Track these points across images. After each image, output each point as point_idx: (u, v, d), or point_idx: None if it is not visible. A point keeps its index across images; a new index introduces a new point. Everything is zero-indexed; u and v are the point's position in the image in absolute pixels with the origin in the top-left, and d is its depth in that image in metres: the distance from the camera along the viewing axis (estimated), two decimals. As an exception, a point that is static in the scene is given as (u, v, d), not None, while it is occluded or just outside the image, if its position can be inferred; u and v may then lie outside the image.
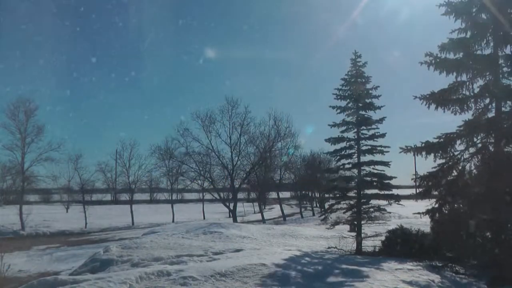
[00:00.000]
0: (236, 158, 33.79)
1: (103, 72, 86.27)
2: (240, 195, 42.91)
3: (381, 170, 14.53)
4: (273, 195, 48.70)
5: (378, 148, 14.56)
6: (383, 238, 14.07)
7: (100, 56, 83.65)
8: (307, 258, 12.24)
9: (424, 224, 14.41)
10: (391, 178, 14.47)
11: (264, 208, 46.92)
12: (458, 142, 11.90)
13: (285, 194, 56.89)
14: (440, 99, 12.10)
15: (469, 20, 11.73)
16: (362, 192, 14.75)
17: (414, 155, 12.41)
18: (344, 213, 15.02)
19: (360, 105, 14.84)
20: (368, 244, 14.53)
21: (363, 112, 14.89)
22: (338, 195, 15.33)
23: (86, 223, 34.38)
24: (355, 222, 14.77)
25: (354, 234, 14.90)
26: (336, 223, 15.21)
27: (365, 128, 14.81)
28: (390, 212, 15.01)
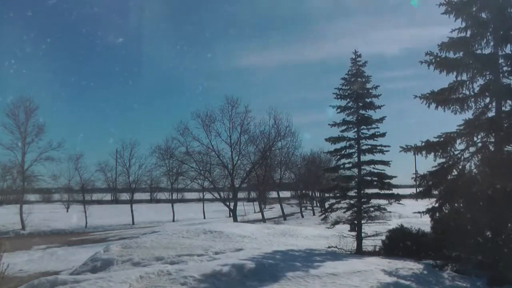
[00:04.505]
0: (236, 157, 33.74)
1: (103, 71, 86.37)
2: (240, 195, 42.87)
3: (381, 170, 14.53)
4: (273, 194, 48.67)
5: (378, 148, 14.55)
6: (383, 237, 14.08)
7: (100, 55, 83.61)
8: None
9: (424, 224, 14.41)
10: (391, 177, 14.47)
11: (264, 207, 46.89)
12: (458, 141, 11.90)
13: (286, 194, 56.87)
14: (440, 99, 12.10)
15: (469, 19, 11.72)
16: (362, 192, 14.74)
17: (414, 154, 12.42)
18: (344, 212, 15.01)
19: (360, 104, 14.83)
20: (369, 244, 14.54)
21: (363, 112, 14.88)
22: (338, 194, 15.32)
23: (86, 223, 34.40)
24: (355, 222, 14.77)
25: (354, 233, 14.91)
26: (336, 222, 15.20)
27: (365, 127, 14.80)
28: (390, 212, 15.02)
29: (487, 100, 11.72)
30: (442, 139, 11.97)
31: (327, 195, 16.95)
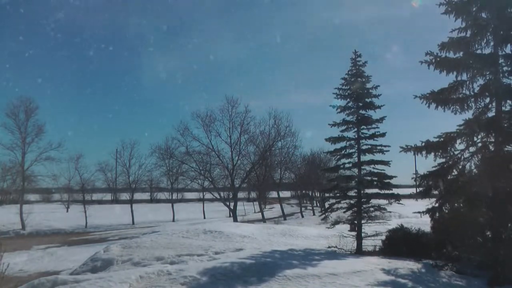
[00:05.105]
0: (236, 157, 33.71)
1: (104, 71, 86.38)
2: (240, 195, 42.86)
3: (381, 170, 14.52)
4: (273, 194, 48.66)
5: (378, 148, 14.54)
6: (383, 237, 14.08)
7: (101, 55, 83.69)
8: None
9: (424, 224, 14.42)
10: (391, 177, 14.46)
11: (264, 207, 46.90)
12: (458, 141, 11.90)
13: (286, 194, 56.89)
14: (440, 99, 12.09)
15: (469, 19, 11.72)
16: (362, 192, 14.73)
17: (414, 154, 12.42)
18: (344, 212, 15.01)
19: (360, 104, 14.82)
20: (369, 244, 14.54)
21: (363, 112, 14.87)
22: (338, 194, 15.31)
23: (86, 223, 34.41)
24: (355, 222, 14.76)
25: (354, 233, 14.90)
26: (337, 222, 15.21)
27: (365, 127, 14.79)
28: (390, 212, 15.02)
29: (487, 100, 11.71)
30: (442, 139, 11.97)
31: (327, 195, 16.93)
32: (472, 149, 11.82)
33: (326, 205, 18.16)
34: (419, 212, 12.70)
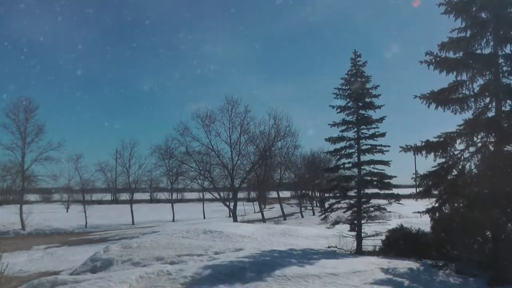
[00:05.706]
0: (236, 157, 33.71)
1: (104, 71, 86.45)
2: (240, 195, 42.85)
3: (381, 170, 14.53)
4: (273, 194, 48.65)
5: (378, 148, 14.56)
6: (383, 237, 14.08)
7: (101, 55, 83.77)
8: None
9: (424, 224, 14.43)
10: (391, 177, 14.48)
11: (264, 207, 46.89)
12: (458, 141, 11.88)
13: (285, 194, 56.88)
14: (440, 99, 12.09)
15: (469, 19, 11.72)
16: (362, 192, 14.74)
17: (414, 154, 12.41)
18: (344, 212, 15.03)
19: (360, 104, 14.84)
20: (369, 244, 14.55)
21: (363, 112, 14.89)
22: (338, 194, 15.33)
23: (86, 223, 34.42)
24: (355, 222, 14.78)
25: (354, 233, 14.91)
26: (336, 222, 15.22)
27: (365, 127, 14.81)
28: (390, 212, 15.04)
29: (487, 100, 11.70)
30: (442, 139, 11.96)
31: (327, 195, 16.94)
32: (472, 149, 11.81)
33: (326, 205, 18.16)
34: (419, 212, 12.69)
